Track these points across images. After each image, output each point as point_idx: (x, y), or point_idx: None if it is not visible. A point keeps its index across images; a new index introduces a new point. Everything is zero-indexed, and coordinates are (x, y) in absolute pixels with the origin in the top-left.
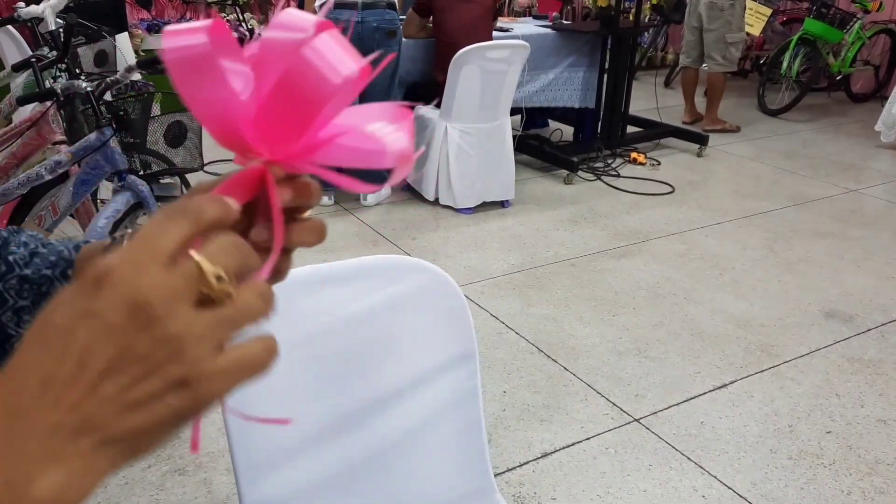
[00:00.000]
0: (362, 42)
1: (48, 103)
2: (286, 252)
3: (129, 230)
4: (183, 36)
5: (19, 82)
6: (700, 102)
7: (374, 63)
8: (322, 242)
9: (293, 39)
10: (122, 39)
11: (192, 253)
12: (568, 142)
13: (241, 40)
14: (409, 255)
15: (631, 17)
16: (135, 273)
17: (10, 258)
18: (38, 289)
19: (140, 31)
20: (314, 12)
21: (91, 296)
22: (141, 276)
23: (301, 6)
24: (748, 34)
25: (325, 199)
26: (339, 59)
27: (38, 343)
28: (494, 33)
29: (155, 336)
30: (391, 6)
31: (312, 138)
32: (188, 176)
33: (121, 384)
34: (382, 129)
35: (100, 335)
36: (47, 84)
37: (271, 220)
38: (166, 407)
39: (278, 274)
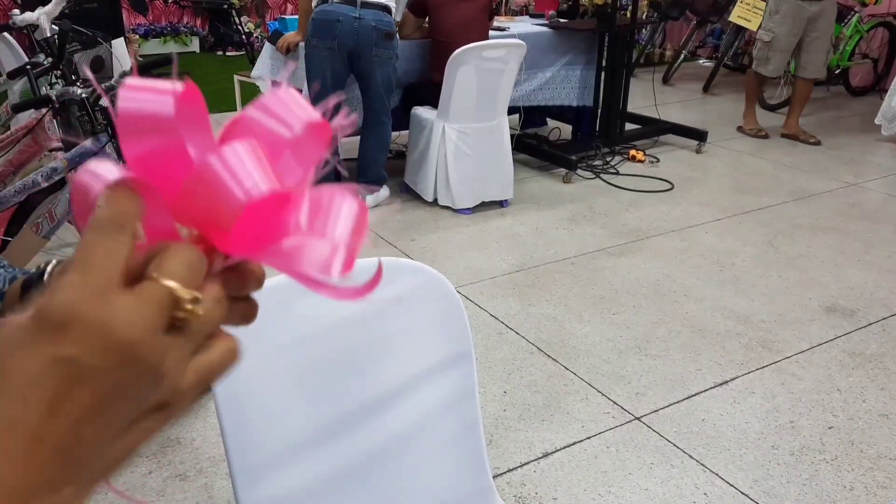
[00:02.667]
0: (359, 39)
1: (44, 110)
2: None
3: (53, 259)
4: (147, 94)
5: (17, 89)
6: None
7: (375, 64)
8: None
9: (277, 132)
10: (119, 45)
11: (166, 281)
12: (566, 140)
13: (240, 44)
14: (408, 256)
15: (628, 14)
16: (100, 308)
17: None
18: None
19: (136, 37)
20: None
21: (54, 340)
22: (107, 310)
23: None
24: (746, 29)
25: None
26: (249, 174)
27: None
28: (491, 32)
29: (136, 372)
30: (388, 11)
31: (257, 226)
32: None
33: (99, 426)
34: (300, 242)
35: (75, 381)
36: (43, 91)
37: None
38: (143, 432)
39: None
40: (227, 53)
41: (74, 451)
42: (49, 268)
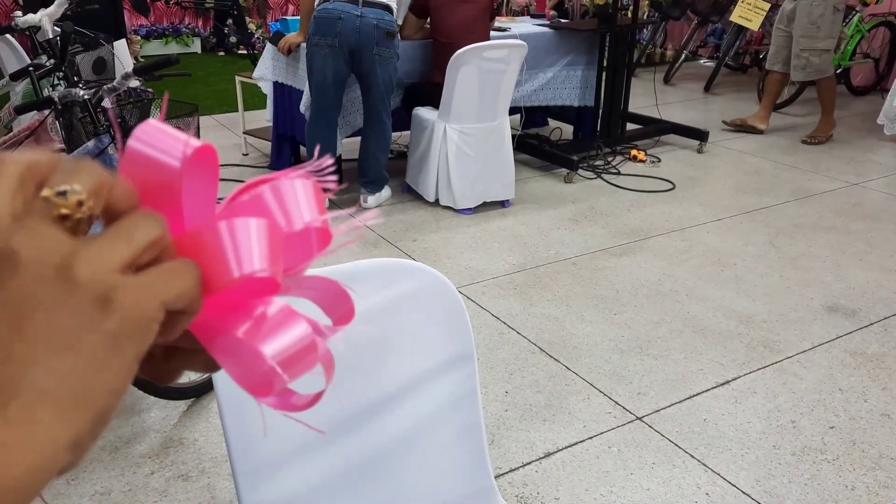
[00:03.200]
0: (360, 37)
1: (46, 112)
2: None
3: None
4: (162, 142)
5: (19, 91)
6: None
7: (374, 63)
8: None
9: (278, 221)
10: (121, 46)
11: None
12: (568, 140)
13: (238, 44)
14: (410, 256)
15: (629, 14)
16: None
17: None
18: None
19: (138, 38)
20: (309, 8)
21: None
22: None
23: None
24: (747, 29)
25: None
26: (251, 251)
27: None
28: (492, 33)
29: (33, 279)
30: (389, 10)
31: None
32: None
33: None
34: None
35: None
36: (45, 92)
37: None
38: (100, 333)
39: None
40: (239, 51)
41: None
42: None
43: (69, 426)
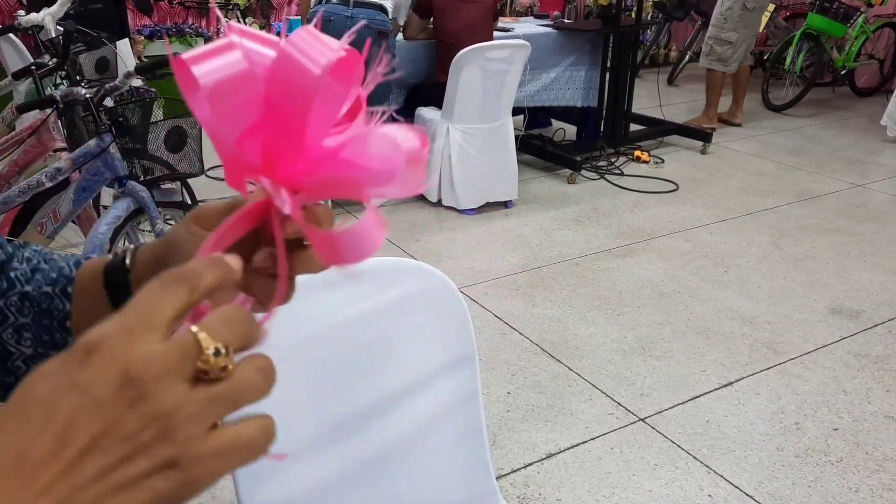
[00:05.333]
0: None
1: (48, 111)
2: (291, 278)
3: (130, 245)
4: (215, 58)
5: (22, 90)
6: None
7: (368, 62)
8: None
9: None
10: (123, 46)
11: (191, 326)
12: (571, 141)
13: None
14: (412, 257)
15: (632, 15)
16: (127, 345)
17: (12, 274)
18: (38, 306)
19: (141, 38)
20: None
21: (78, 367)
22: (133, 348)
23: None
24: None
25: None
26: (317, 50)
27: (16, 416)
28: (495, 33)
29: (145, 413)
30: (383, 10)
31: (315, 152)
32: (191, 181)
33: (103, 464)
34: (392, 129)
35: (84, 410)
36: (48, 91)
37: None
38: (151, 491)
39: (282, 300)
40: None
41: (74, 488)
42: (129, 257)
43: None
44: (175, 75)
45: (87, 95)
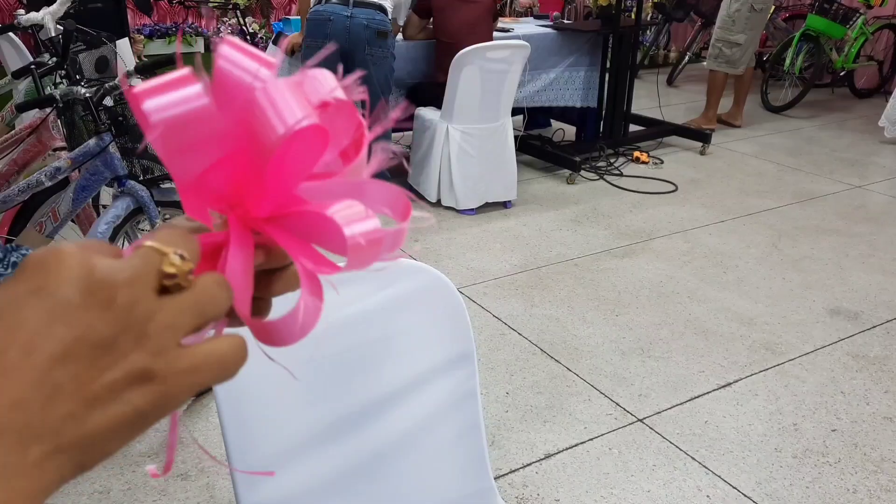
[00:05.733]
0: (350, 38)
1: (48, 110)
2: (268, 299)
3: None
4: (170, 93)
5: (21, 89)
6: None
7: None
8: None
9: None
10: (123, 45)
11: (150, 242)
12: (570, 141)
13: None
14: (411, 256)
15: (632, 16)
16: (87, 254)
17: None
18: None
19: (141, 37)
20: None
21: (39, 276)
22: (96, 258)
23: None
24: None
25: None
26: (289, 108)
27: None
28: (495, 34)
29: (118, 318)
30: (382, 10)
31: (282, 197)
32: None
33: (77, 372)
34: (346, 211)
35: (52, 314)
36: (47, 90)
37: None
38: (128, 405)
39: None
40: None
41: (46, 400)
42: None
43: (59, 481)
44: (131, 108)
45: (87, 95)
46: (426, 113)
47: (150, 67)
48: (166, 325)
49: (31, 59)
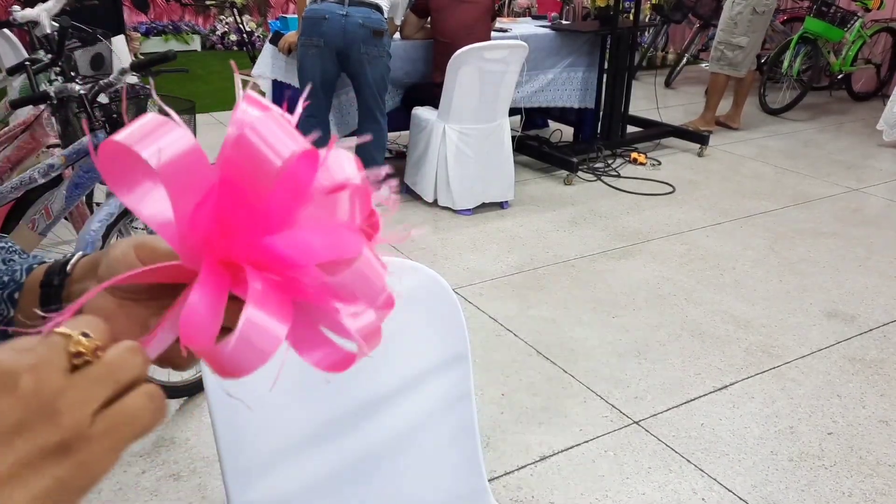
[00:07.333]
0: (346, 36)
1: (42, 106)
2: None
3: (80, 254)
4: (162, 136)
5: (16, 86)
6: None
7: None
8: None
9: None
10: (119, 42)
11: (59, 329)
12: (568, 142)
13: (241, 44)
14: (406, 257)
15: (630, 17)
16: (2, 350)
17: None
18: None
19: (137, 34)
20: (304, 7)
21: None
22: (7, 349)
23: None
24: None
25: None
26: (281, 141)
27: None
28: (493, 34)
29: (23, 402)
30: (378, 9)
31: (268, 241)
32: None
33: None
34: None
35: None
36: (42, 87)
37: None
38: (49, 478)
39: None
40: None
41: None
42: (73, 259)
43: None
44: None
45: (82, 92)
46: (423, 113)
47: (145, 65)
48: (77, 399)
49: (27, 56)
